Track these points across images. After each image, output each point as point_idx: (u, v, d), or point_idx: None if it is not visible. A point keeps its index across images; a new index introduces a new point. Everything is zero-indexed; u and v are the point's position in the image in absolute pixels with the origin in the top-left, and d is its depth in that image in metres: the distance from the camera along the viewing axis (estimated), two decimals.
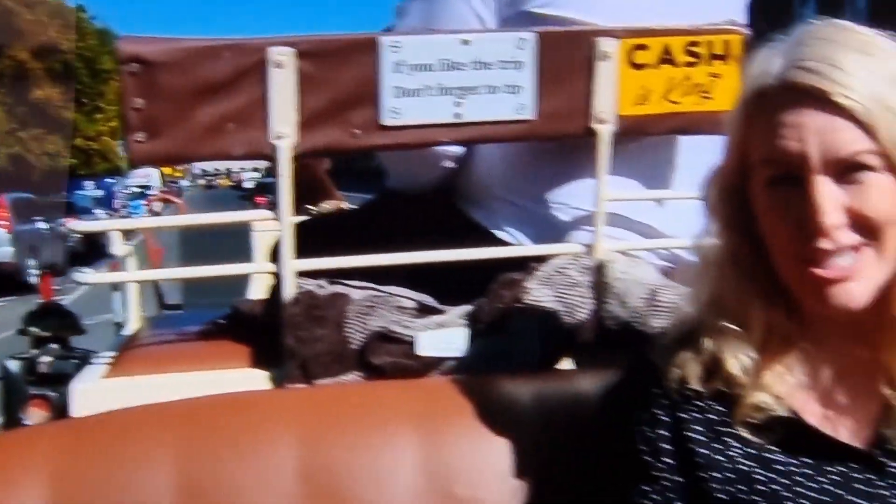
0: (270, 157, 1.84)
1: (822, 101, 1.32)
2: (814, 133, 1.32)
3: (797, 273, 1.38)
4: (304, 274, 1.90)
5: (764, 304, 1.43)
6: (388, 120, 1.84)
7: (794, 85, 1.33)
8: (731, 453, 1.42)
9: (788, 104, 1.34)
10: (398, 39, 1.83)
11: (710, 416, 1.44)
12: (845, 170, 1.32)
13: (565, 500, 1.59)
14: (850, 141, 1.31)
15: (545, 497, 1.63)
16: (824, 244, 1.33)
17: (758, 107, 1.37)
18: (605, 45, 1.87)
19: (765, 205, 1.39)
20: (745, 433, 1.42)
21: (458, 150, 2.09)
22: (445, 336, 1.84)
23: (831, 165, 1.32)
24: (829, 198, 1.32)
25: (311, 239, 1.98)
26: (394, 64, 1.82)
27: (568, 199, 2.02)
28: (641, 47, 1.89)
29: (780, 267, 1.40)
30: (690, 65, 1.92)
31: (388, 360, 1.82)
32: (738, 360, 1.42)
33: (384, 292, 1.93)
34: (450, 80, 1.84)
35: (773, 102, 1.35)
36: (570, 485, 1.58)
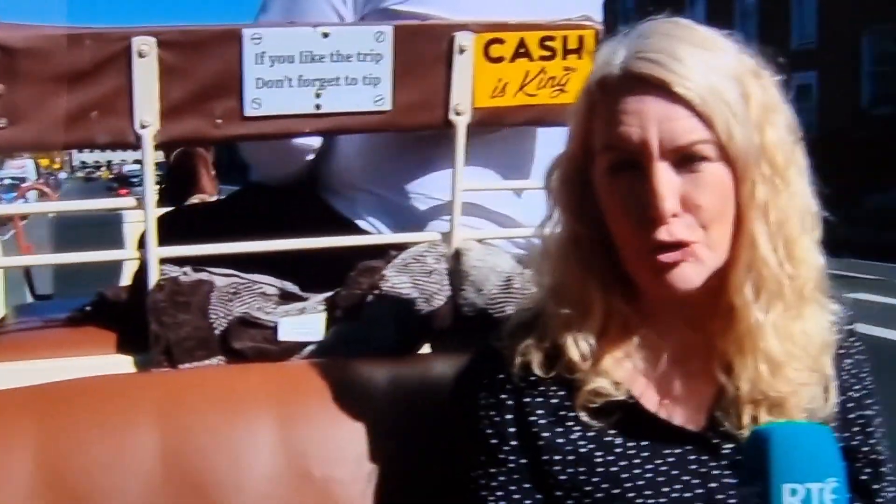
0: (134, 145, 1.89)
1: (662, 90, 1.41)
2: (654, 121, 1.41)
3: (636, 257, 1.46)
4: (169, 261, 1.96)
5: (604, 290, 1.51)
6: (249, 110, 1.90)
7: (637, 74, 1.42)
8: (572, 436, 1.51)
9: (631, 92, 1.43)
10: (259, 31, 1.89)
11: (553, 400, 1.52)
12: (683, 158, 1.41)
13: (418, 482, 1.68)
14: (688, 130, 1.40)
15: (399, 478, 1.71)
16: (662, 235, 1.41)
17: (601, 94, 1.46)
18: (462, 38, 1.96)
19: (606, 191, 1.47)
20: (585, 417, 1.51)
21: (319, 141, 2.17)
22: (305, 322, 1.92)
23: (670, 153, 1.41)
24: (668, 184, 1.41)
25: (177, 228, 2.04)
26: (255, 55, 1.88)
27: (426, 188, 2.10)
28: (497, 41, 1.98)
29: (620, 252, 1.49)
30: (545, 58, 2.01)
31: (250, 344, 1.89)
32: (577, 347, 1.50)
33: (247, 279, 1.99)
34: (310, 71, 1.91)
35: (616, 90, 1.44)
36: (422, 466, 1.67)
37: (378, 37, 1.93)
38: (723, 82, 1.42)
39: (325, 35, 1.92)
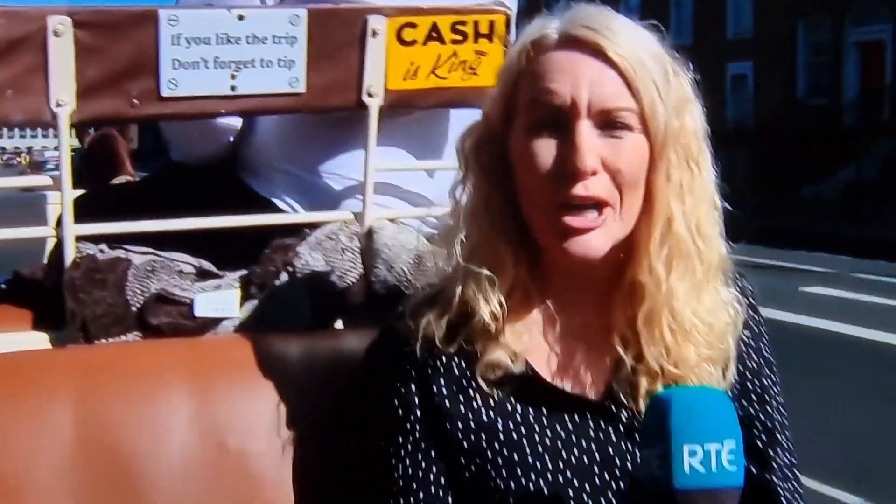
0: (50, 124, 1.95)
1: (598, 54, 1.52)
2: (586, 81, 1.51)
3: (546, 220, 1.55)
4: (86, 239, 2.01)
5: (514, 254, 1.60)
6: (166, 91, 1.97)
7: (573, 36, 1.53)
8: (474, 406, 1.59)
9: (565, 51, 1.53)
10: (176, 13, 1.96)
11: (455, 372, 1.60)
12: (607, 122, 1.52)
13: (331, 453, 1.76)
14: (617, 96, 1.51)
15: (312, 449, 1.79)
16: (579, 189, 1.51)
17: (535, 54, 1.56)
18: (375, 22, 2.04)
19: (523, 149, 1.55)
20: (486, 388, 1.59)
21: (237, 122, 2.24)
22: (221, 298, 1.99)
23: (596, 115, 1.51)
24: (590, 142, 1.50)
25: (98, 207, 2.11)
26: (172, 37, 1.95)
27: (340, 168, 2.19)
28: (410, 25, 2.07)
29: (529, 214, 1.57)
30: (457, 42, 2.11)
31: (166, 320, 1.95)
32: (488, 306, 1.58)
33: (165, 257, 2.05)
34: (226, 53, 1.98)
35: (549, 49, 1.54)
36: (335, 438, 1.76)
37: (293, 20, 2.01)
38: (650, 59, 1.54)
39: (241, 18, 1.99)
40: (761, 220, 21.52)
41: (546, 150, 1.53)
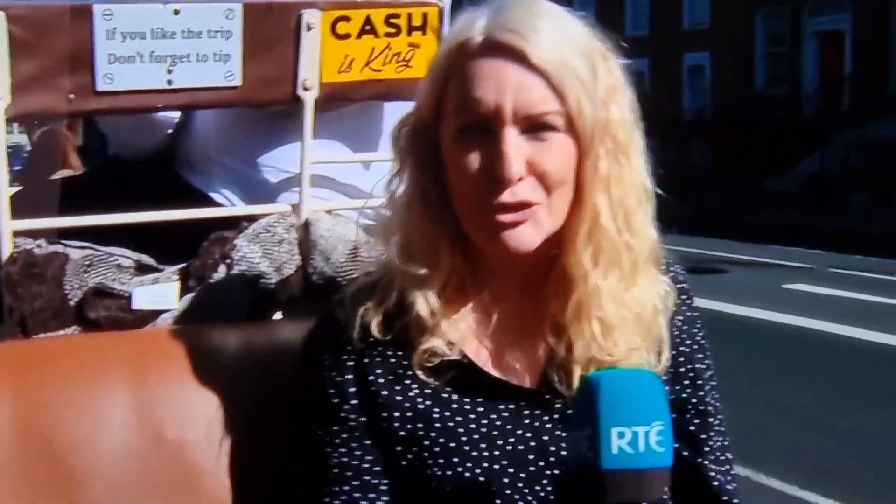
0: None
1: (521, 59, 1.55)
2: (510, 87, 1.55)
3: (477, 217, 1.60)
4: (24, 235, 2.05)
5: (449, 246, 1.65)
6: (102, 86, 2.01)
7: (497, 42, 1.56)
8: (410, 394, 1.64)
9: (489, 58, 1.57)
10: (111, 8, 2.00)
11: (391, 360, 1.66)
12: (532, 126, 1.56)
13: (269, 443, 1.81)
14: (541, 100, 1.56)
15: (251, 439, 1.84)
16: (506, 196, 1.56)
17: (459, 58, 1.60)
18: (310, 16, 2.11)
19: (453, 151, 1.60)
20: (422, 375, 1.64)
21: (174, 115, 2.30)
22: (159, 291, 2.04)
23: (521, 120, 1.55)
24: (516, 149, 1.55)
25: (35, 203, 2.16)
26: (107, 31, 1.99)
27: (277, 161, 2.26)
28: (344, 19, 2.13)
29: (461, 211, 1.62)
30: (391, 35, 2.17)
31: (104, 314, 2.01)
32: (425, 301, 1.63)
33: (103, 252, 2.10)
34: (162, 47, 2.03)
35: (474, 55, 1.58)
36: (273, 428, 1.81)
37: (228, 14, 2.06)
38: (575, 58, 1.58)
39: (176, 12, 2.04)
40: (729, 213, 21.72)
41: (473, 155, 1.58)
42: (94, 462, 1.80)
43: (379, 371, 1.65)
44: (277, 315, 2.12)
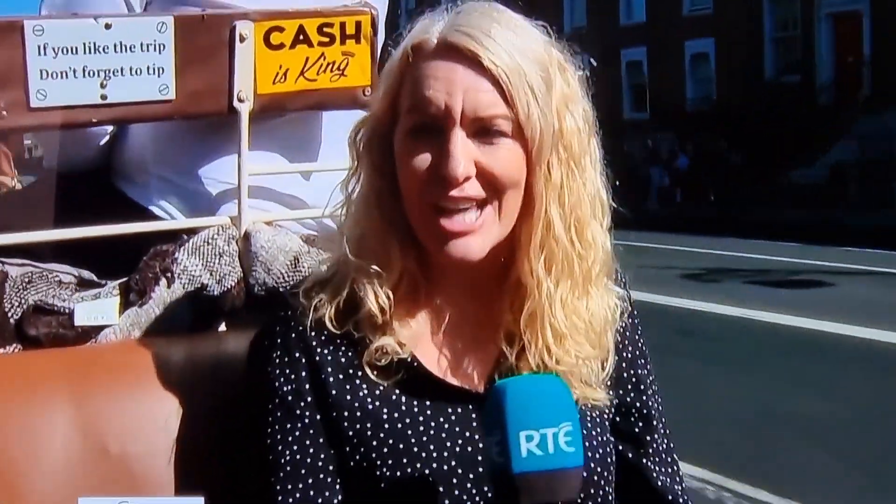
0: None
1: (474, 63, 1.71)
2: (462, 90, 1.70)
3: (425, 221, 1.75)
4: None
5: (401, 246, 1.79)
6: (35, 102, 2.14)
7: (452, 45, 1.72)
8: (360, 394, 1.78)
9: (443, 60, 1.72)
10: (41, 23, 2.14)
11: (342, 359, 1.79)
12: (482, 129, 1.72)
13: (214, 453, 1.95)
14: (492, 104, 1.71)
15: (195, 450, 1.98)
16: (454, 192, 1.70)
17: (415, 59, 1.75)
18: (242, 27, 2.25)
19: (404, 152, 1.75)
20: (372, 375, 1.78)
21: (109, 129, 2.45)
22: (101, 306, 2.17)
23: (470, 122, 1.71)
24: (464, 150, 1.70)
25: None
26: (38, 47, 2.12)
27: (216, 173, 2.40)
28: (277, 29, 2.28)
29: (411, 214, 1.77)
30: (324, 44, 2.32)
31: (45, 330, 2.13)
32: (377, 298, 1.77)
33: (42, 268, 2.23)
34: (94, 62, 2.16)
35: (429, 57, 1.74)
36: (218, 439, 1.95)
37: (160, 27, 2.20)
38: (528, 65, 1.73)
39: (108, 26, 2.17)
40: (763, 210, 21.73)
41: (422, 154, 1.73)
42: (35, 478, 1.92)
43: (330, 370, 1.78)
44: (221, 327, 2.26)
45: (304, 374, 1.79)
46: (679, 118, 31.04)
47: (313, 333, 1.79)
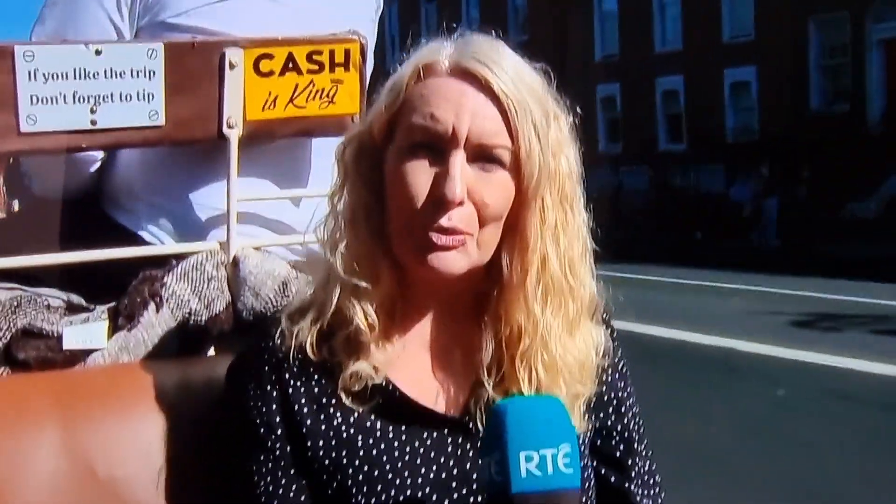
0: None
1: (485, 89, 1.81)
2: (470, 113, 1.81)
3: (407, 232, 1.83)
4: None
5: (388, 266, 1.88)
6: (25, 127, 2.26)
7: (463, 67, 1.83)
8: (334, 422, 1.86)
9: (454, 80, 1.83)
10: (32, 49, 2.26)
11: (315, 389, 1.88)
12: (482, 156, 1.82)
13: (202, 478, 2.04)
14: (496, 133, 1.82)
15: (183, 474, 2.08)
16: (443, 220, 1.79)
17: (424, 76, 1.85)
18: (232, 54, 2.38)
19: (399, 166, 1.84)
20: (347, 402, 1.87)
21: (100, 155, 2.58)
22: (89, 330, 2.29)
23: (473, 147, 1.81)
24: (463, 173, 1.80)
25: None
26: (29, 72, 2.24)
27: (206, 199, 2.53)
28: (267, 56, 2.41)
29: (394, 230, 1.86)
30: (313, 72, 2.45)
31: (34, 354, 2.24)
32: (363, 314, 1.85)
33: (31, 292, 2.34)
34: (84, 88, 2.29)
35: (439, 76, 1.84)
36: (204, 461, 2.04)
37: (150, 53, 2.33)
38: (533, 102, 1.84)
39: (98, 52, 2.30)
40: (824, 248, 21.54)
41: (420, 173, 1.82)
42: (21, 500, 2.02)
43: (303, 401, 1.86)
44: (210, 352, 2.38)
45: (274, 406, 1.86)
46: (720, 150, 30.91)
47: (286, 364, 1.87)
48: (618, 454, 2.04)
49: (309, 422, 1.85)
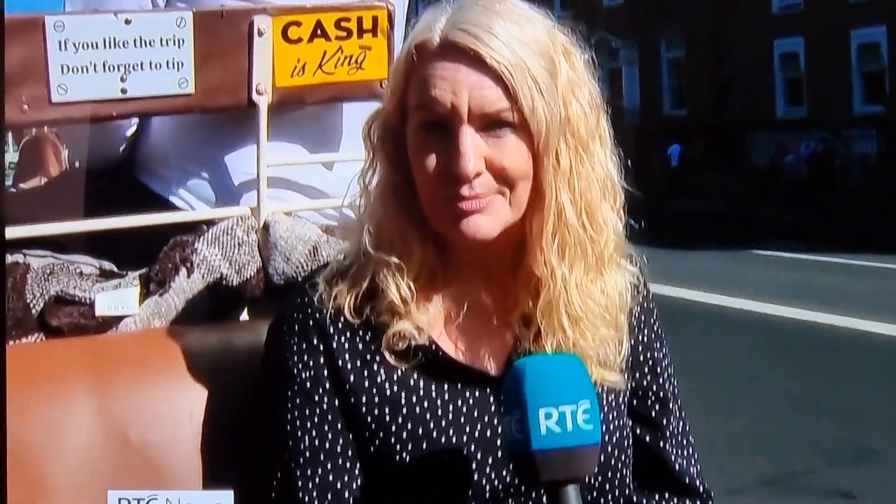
0: None
1: (476, 61, 1.77)
2: (465, 88, 1.76)
3: (436, 205, 1.81)
4: None
5: (420, 237, 1.85)
6: (56, 96, 2.22)
7: (454, 44, 1.78)
8: (378, 379, 1.84)
9: (446, 60, 1.78)
10: (62, 19, 2.22)
11: (360, 345, 1.85)
12: (489, 124, 1.78)
13: (233, 442, 2.00)
14: (496, 99, 1.77)
15: (214, 439, 2.04)
16: (465, 190, 1.77)
17: (418, 58, 1.81)
18: (261, 22, 2.33)
19: (416, 146, 1.81)
20: (390, 360, 1.84)
21: (131, 123, 2.54)
22: (121, 296, 2.25)
23: (477, 119, 1.77)
24: (473, 147, 1.76)
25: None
26: (59, 42, 2.20)
27: (237, 164, 2.48)
28: (295, 24, 2.35)
29: (424, 205, 1.83)
30: (342, 38, 2.39)
31: (66, 320, 2.21)
32: (398, 289, 1.83)
33: (64, 259, 2.31)
34: (114, 57, 2.24)
35: (432, 56, 1.79)
36: (237, 426, 2.00)
37: (179, 22, 2.28)
38: (531, 58, 1.79)
39: (128, 22, 2.25)
40: None
41: (432, 152, 1.79)
42: (57, 467, 1.98)
43: (347, 357, 1.84)
44: (243, 317, 2.33)
45: (321, 360, 1.84)
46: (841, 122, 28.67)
47: (331, 321, 1.84)
48: (653, 414, 2.00)
49: (352, 378, 1.83)
